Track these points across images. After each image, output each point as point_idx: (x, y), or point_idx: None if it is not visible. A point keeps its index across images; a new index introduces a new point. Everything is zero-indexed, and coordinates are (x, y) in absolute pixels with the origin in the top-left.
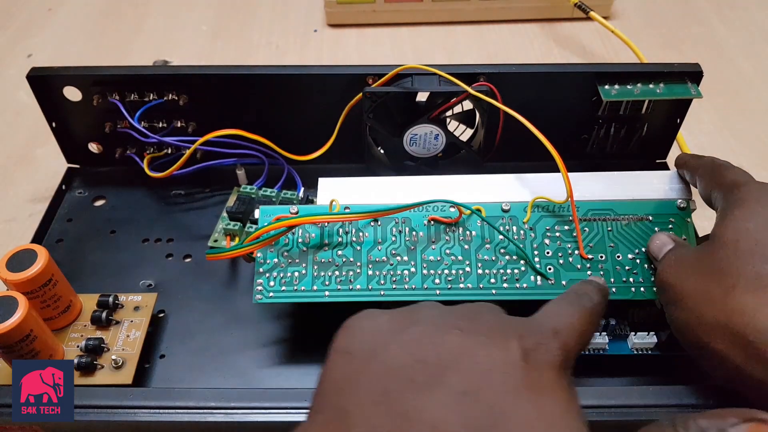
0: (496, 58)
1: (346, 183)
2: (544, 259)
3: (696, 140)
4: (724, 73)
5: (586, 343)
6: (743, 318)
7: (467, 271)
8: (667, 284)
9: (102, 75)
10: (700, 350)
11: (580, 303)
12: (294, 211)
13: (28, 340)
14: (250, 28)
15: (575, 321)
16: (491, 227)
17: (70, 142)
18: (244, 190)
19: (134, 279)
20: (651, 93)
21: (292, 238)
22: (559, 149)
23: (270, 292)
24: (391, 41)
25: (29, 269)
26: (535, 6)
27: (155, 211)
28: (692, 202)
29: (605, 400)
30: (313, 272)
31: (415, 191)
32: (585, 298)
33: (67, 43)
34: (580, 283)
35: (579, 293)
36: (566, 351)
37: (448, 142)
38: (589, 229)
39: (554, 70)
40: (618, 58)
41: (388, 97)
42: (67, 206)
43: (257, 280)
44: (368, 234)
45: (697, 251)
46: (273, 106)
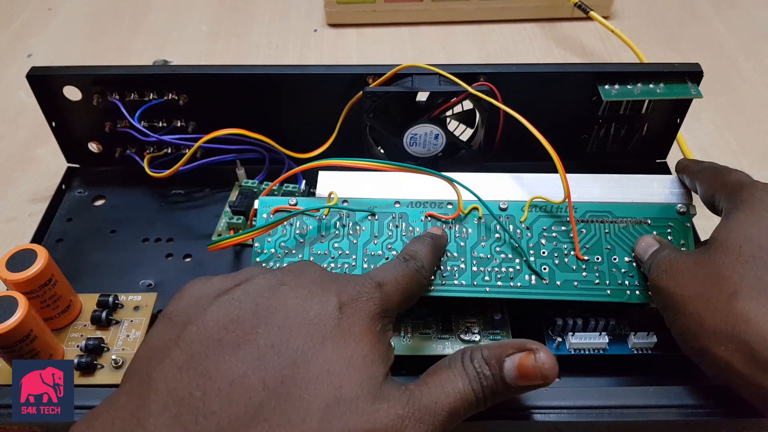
0: (496, 58)
1: (346, 176)
2: (539, 258)
3: (696, 140)
4: (724, 73)
5: (410, 299)
6: (746, 325)
7: (462, 268)
8: (663, 288)
9: (102, 75)
10: (700, 356)
11: (407, 265)
12: (293, 203)
13: (28, 340)
14: (250, 28)
15: (399, 278)
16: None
17: (70, 142)
18: (245, 185)
19: (134, 279)
20: (651, 93)
21: (290, 230)
22: (558, 149)
23: None
24: (391, 41)
25: (29, 269)
26: (535, 6)
27: (155, 210)
28: (692, 207)
29: (605, 400)
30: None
31: (413, 187)
32: (412, 262)
33: (67, 43)
34: (411, 242)
35: (407, 256)
36: (386, 302)
37: (448, 141)
38: (587, 230)
39: (554, 70)
40: (618, 58)
41: (388, 96)
42: (67, 206)
43: None
44: (365, 228)
45: (694, 255)
46: (273, 106)
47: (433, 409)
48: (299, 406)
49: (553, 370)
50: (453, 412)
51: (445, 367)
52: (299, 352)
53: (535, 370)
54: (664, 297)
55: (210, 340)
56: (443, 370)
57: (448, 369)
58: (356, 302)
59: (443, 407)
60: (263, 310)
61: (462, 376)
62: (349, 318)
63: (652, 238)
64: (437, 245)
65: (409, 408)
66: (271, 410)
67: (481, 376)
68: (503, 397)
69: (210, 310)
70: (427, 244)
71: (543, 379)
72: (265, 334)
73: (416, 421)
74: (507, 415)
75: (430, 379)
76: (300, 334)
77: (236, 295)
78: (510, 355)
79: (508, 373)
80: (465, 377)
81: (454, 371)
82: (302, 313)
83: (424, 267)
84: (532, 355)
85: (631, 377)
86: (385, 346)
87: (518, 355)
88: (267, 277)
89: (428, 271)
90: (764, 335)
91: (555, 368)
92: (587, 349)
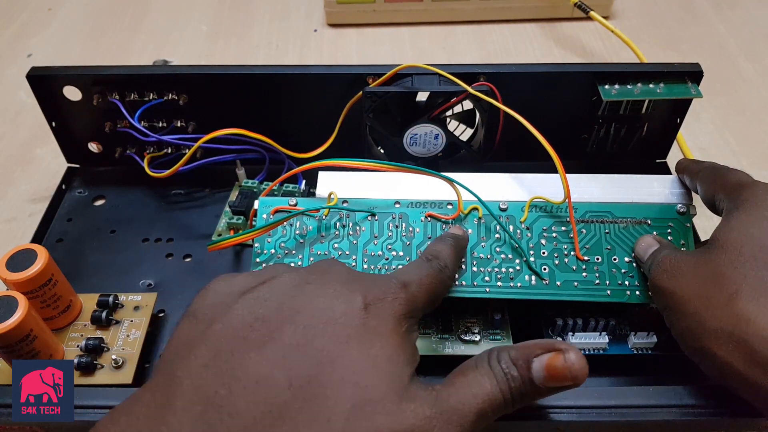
0: (496, 58)
1: (346, 177)
2: (539, 259)
3: (696, 140)
4: (724, 73)
5: (434, 299)
6: (747, 325)
7: (462, 268)
8: (664, 288)
9: (102, 75)
10: (701, 356)
11: (430, 265)
12: (293, 203)
13: (28, 340)
14: (250, 28)
15: (424, 278)
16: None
17: (70, 142)
18: (245, 185)
19: (134, 279)
20: (651, 93)
21: (290, 230)
22: (559, 149)
23: None
24: (391, 41)
25: (29, 269)
26: (535, 6)
27: (155, 210)
28: (692, 207)
29: (605, 400)
30: (309, 264)
31: (413, 187)
32: (435, 262)
33: (67, 43)
34: (434, 242)
35: (430, 256)
36: (412, 302)
37: (448, 141)
38: (587, 230)
39: (554, 70)
40: (618, 58)
41: (388, 96)
42: (67, 206)
43: (253, 270)
44: (365, 228)
45: (695, 255)
46: (273, 106)
47: (461, 411)
48: (325, 406)
49: (584, 370)
50: (481, 414)
51: (472, 367)
52: (324, 352)
53: (564, 371)
54: (664, 297)
55: (235, 338)
56: (470, 370)
57: (475, 369)
58: (382, 302)
59: (471, 408)
60: (288, 309)
61: (489, 377)
62: (374, 318)
63: (652, 238)
64: (459, 245)
65: (437, 409)
66: (297, 410)
67: (509, 377)
68: (532, 399)
69: (235, 308)
70: (449, 245)
71: (573, 380)
72: (290, 333)
73: (444, 423)
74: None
75: (457, 379)
76: (325, 334)
77: (261, 293)
78: (538, 355)
79: (537, 374)
80: (493, 378)
81: (482, 372)
82: (328, 313)
83: (447, 266)
84: (561, 355)
85: (631, 377)
86: (411, 347)
87: (547, 356)
88: (292, 276)
89: (452, 271)
90: (765, 335)
91: (585, 368)
92: (587, 349)
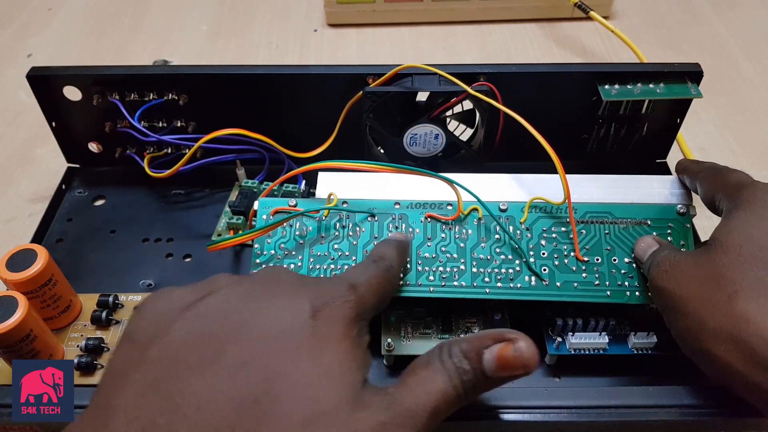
0: (496, 58)
1: (346, 177)
2: (539, 260)
3: (696, 140)
4: (724, 73)
5: (383, 300)
6: (747, 326)
7: (462, 269)
8: (664, 289)
9: (102, 75)
10: (701, 356)
11: (377, 266)
12: (292, 204)
13: (28, 340)
14: (250, 28)
15: (372, 278)
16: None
17: (70, 142)
18: (245, 185)
19: (134, 279)
20: (651, 93)
21: (290, 231)
22: (558, 149)
23: None
24: (391, 41)
25: (29, 269)
26: (535, 6)
27: (155, 210)
28: (692, 208)
29: (605, 400)
30: (309, 265)
31: (413, 188)
32: (381, 263)
33: (67, 43)
34: (377, 246)
35: (376, 258)
36: (362, 304)
37: (448, 141)
38: (586, 231)
39: (554, 70)
40: (618, 58)
41: (388, 96)
42: (67, 206)
43: (253, 270)
44: (365, 229)
45: (695, 255)
46: (273, 106)
47: (415, 411)
48: (277, 424)
49: (534, 358)
50: (435, 412)
51: (423, 365)
52: (273, 367)
53: (515, 360)
54: (664, 297)
55: (174, 362)
56: (422, 368)
57: (427, 367)
58: (331, 307)
59: (425, 408)
60: (231, 325)
61: (441, 373)
62: (324, 325)
63: (651, 239)
64: (402, 247)
65: (391, 413)
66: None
67: (461, 371)
68: (484, 390)
69: (174, 328)
70: (393, 246)
71: (524, 368)
72: (234, 351)
73: (398, 426)
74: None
75: (409, 379)
76: (273, 348)
77: (201, 309)
78: (488, 346)
79: (488, 365)
80: (445, 374)
81: (433, 368)
82: (274, 325)
83: (393, 266)
84: (511, 344)
85: (631, 377)
86: (363, 351)
87: (497, 346)
88: (234, 288)
89: (397, 270)
90: (764, 336)
91: (536, 356)
92: (587, 349)
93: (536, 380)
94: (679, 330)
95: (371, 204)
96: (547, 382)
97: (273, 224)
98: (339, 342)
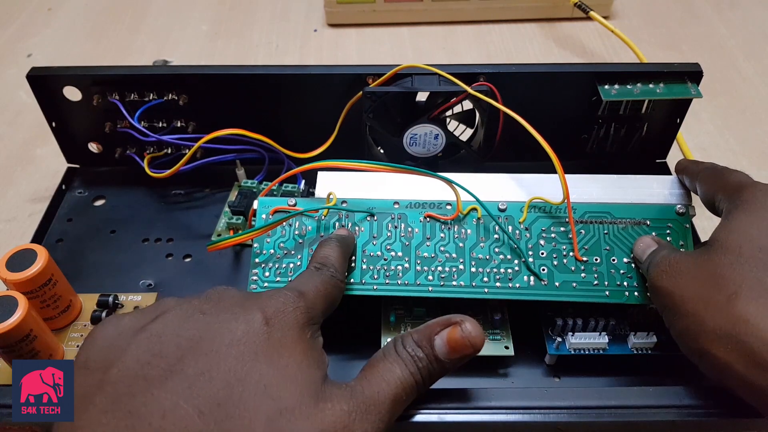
0: (496, 58)
1: (345, 177)
2: (538, 259)
3: (696, 140)
4: (724, 73)
5: (332, 304)
6: (746, 326)
7: (461, 269)
8: (662, 289)
9: (102, 75)
10: (700, 357)
11: (321, 273)
12: (292, 204)
13: (28, 339)
14: (250, 28)
15: (319, 285)
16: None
17: (70, 142)
18: (245, 185)
19: (134, 279)
20: (651, 93)
21: (289, 230)
22: (558, 149)
23: (265, 282)
24: (391, 41)
25: (29, 269)
26: (535, 6)
27: (155, 210)
28: (692, 208)
29: (605, 400)
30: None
31: (412, 188)
32: (325, 270)
33: (67, 43)
34: (318, 247)
35: (318, 265)
36: (311, 309)
37: (448, 142)
38: (586, 231)
39: (554, 70)
40: (618, 58)
41: (388, 96)
42: (67, 206)
43: (253, 270)
44: (364, 228)
45: (694, 255)
46: (273, 106)
47: (377, 399)
48: (241, 425)
49: (480, 337)
50: (396, 399)
51: (380, 358)
52: (232, 373)
53: (464, 341)
54: (663, 297)
55: (134, 379)
56: (379, 361)
57: (384, 359)
58: (282, 314)
59: (386, 396)
60: (186, 341)
61: (398, 362)
62: (278, 331)
63: (650, 239)
64: (345, 245)
65: (354, 402)
66: None
67: (416, 359)
68: (440, 375)
69: (129, 350)
70: (334, 247)
71: (472, 347)
72: (192, 363)
73: (363, 413)
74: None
75: (368, 372)
76: (230, 356)
77: (155, 329)
78: (438, 332)
79: (440, 350)
80: (401, 363)
81: (390, 360)
82: (229, 335)
83: (337, 270)
84: (458, 327)
85: (631, 377)
86: (318, 352)
87: (446, 331)
88: (184, 308)
89: (341, 274)
90: (764, 336)
91: (482, 335)
92: (587, 349)
93: (536, 380)
94: (678, 330)
95: (370, 203)
96: (547, 382)
97: (272, 224)
98: (294, 345)
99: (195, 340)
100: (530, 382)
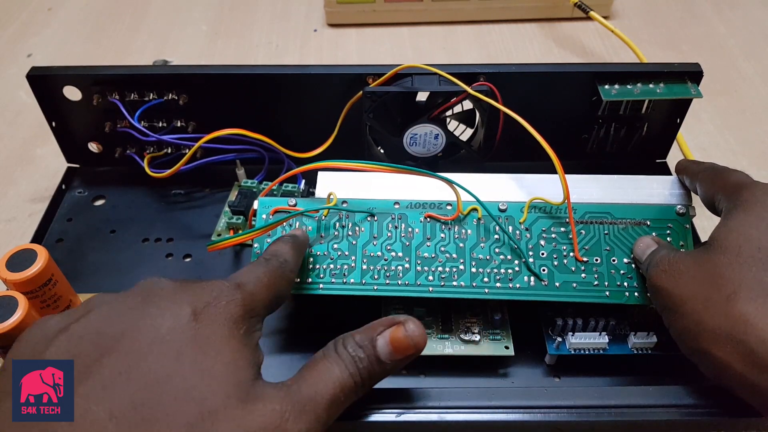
0: (496, 58)
1: (345, 177)
2: (538, 260)
3: (696, 140)
4: (724, 73)
5: (277, 296)
6: (745, 326)
7: (461, 269)
8: (662, 289)
9: (102, 75)
10: (700, 357)
11: (268, 263)
12: (292, 204)
13: None
14: (250, 28)
15: (262, 275)
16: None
17: (70, 142)
18: (245, 185)
19: (134, 279)
20: (651, 93)
21: (289, 230)
22: (558, 149)
23: None
24: (391, 41)
25: (29, 269)
26: (535, 6)
27: (155, 210)
28: (692, 208)
29: (605, 400)
30: (308, 264)
31: (413, 188)
32: (273, 260)
33: (67, 43)
34: (271, 244)
35: (268, 256)
36: (250, 302)
37: (448, 141)
38: (586, 231)
39: (554, 70)
40: (618, 58)
41: (388, 96)
42: (67, 206)
43: None
44: (364, 228)
45: (693, 255)
46: (273, 106)
47: (314, 399)
48: (158, 430)
49: (423, 337)
50: (333, 400)
51: (320, 358)
52: (152, 373)
53: (407, 341)
54: (663, 297)
55: None
56: (319, 361)
57: (324, 359)
58: (214, 307)
59: (323, 396)
60: (107, 340)
61: (338, 362)
62: (207, 327)
63: (650, 239)
64: (298, 243)
65: (288, 402)
66: None
67: (356, 359)
68: (381, 376)
69: (47, 353)
70: (287, 243)
71: (415, 347)
72: (110, 363)
73: (298, 413)
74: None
75: (306, 372)
76: (152, 355)
77: (75, 330)
78: (381, 333)
79: (382, 350)
80: (341, 364)
81: (330, 360)
82: (153, 332)
83: (288, 261)
84: (402, 326)
85: (631, 377)
86: (252, 349)
87: (388, 331)
88: (111, 305)
89: (292, 266)
90: (763, 336)
91: (424, 336)
92: (587, 349)
93: (536, 380)
94: (677, 330)
95: (371, 204)
96: (547, 382)
97: (273, 224)
98: (223, 342)
99: (116, 338)
100: (530, 382)
